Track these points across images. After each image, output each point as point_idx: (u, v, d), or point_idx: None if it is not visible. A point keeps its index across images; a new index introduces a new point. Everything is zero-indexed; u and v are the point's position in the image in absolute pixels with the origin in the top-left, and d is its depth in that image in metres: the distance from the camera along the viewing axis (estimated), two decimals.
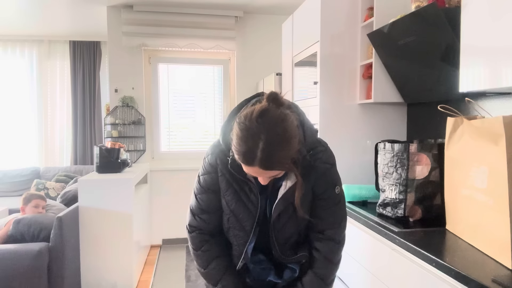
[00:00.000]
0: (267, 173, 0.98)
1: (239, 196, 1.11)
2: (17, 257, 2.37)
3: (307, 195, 1.12)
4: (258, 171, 0.96)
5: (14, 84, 4.80)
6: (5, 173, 4.54)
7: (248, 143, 0.93)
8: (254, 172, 0.98)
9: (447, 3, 1.69)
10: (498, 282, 1.04)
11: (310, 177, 1.11)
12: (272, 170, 0.96)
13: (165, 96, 4.17)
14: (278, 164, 0.96)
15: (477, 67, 1.42)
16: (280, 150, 0.94)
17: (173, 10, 3.89)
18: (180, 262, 3.63)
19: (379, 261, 1.65)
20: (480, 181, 1.30)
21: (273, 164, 0.95)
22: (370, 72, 2.27)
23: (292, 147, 0.96)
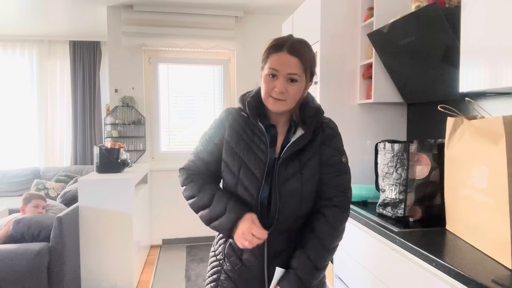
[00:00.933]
0: (289, 63, 1.11)
1: (249, 147, 1.17)
2: (17, 257, 2.37)
3: (313, 159, 1.18)
4: (284, 59, 1.11)
5: (14, 84, 4.80)
6: (5, 173, 4.54)
7: (282, 38, 1.17)
8: (280, 61, 1.12)
9: (447, 3, 1.69)
10: (498, 282, 1.04)
11: (317, 141, 1.19)
12: (296, 56, 1.11)
13: (165, 96, 4.17)
14: (302, 56, 1.13)
15: (477, 67, 1.42)
16: (305, 47, 1.16)
17: (173, 10, 3.89)
18: (180, 262, 3.63)
19: (379, 261, 1.65)
20: (480, 181, 1.30)
21: (298, 52, 1.12)
22: (370, 72, 2.27)
23: (312, 55, 1.17)
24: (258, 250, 1.16)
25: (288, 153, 1.15)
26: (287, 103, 1.14)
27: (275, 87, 1.12)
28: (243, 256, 1.19)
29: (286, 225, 1.17)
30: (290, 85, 1.13)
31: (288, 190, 1.15)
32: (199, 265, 3.52)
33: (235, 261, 1.21)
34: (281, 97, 1.13)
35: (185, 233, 4.16)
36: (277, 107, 1.15)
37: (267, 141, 1.17)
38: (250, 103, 1.19)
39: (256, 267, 1.18)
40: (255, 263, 1.18)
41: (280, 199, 1.14)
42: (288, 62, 1.11)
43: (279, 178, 1.14)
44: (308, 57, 1.15)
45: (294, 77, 1.12)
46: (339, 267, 2.09)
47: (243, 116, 1.22)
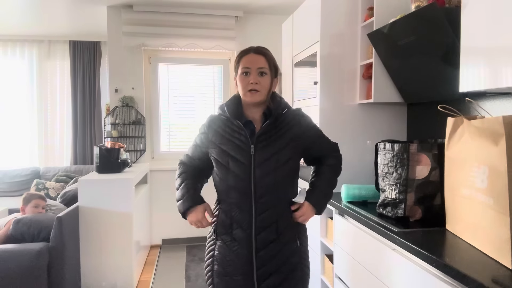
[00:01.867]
0: (257, 60, 1.40)
1: (232, 142, 1.42)
2: (17, 257, 2.37)
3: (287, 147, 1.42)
4: (252, 58, 1.40)
5: (14, 84, 4.80)
6: (5, 173, 4.54)
7: (247, 47, 1.45)
8: (249, 60, 1.40)
9: (447, 3, 1.69)
10: (498, 282, 1.04)
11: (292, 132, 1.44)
12: (261, 55, 1.41)
13: (165, 96, 4.17)
14: (266, 54, 1.43)
15: (477, 67, 1.42)
16: (266, 49, 1.46)
17: (173, 10, 3.89)
18: (180, 262, 3.63)
19: (379, 261, 1.65)
20: (480, 181, 1.30)
21: (262, 52, 1.43)
22: (370, 72, 2.27)
23: (272, 56, 1.47)
24: (247, 225, 1.40)
25: (260, 139, 1.40)
26: (261, 93, 1.41)
27: (250, 81, 1.39)
28: (233, 231, 1.42)
29: (267, 202, 1.40)
30: (261, 78, 1.40)
31: (262, 172, 1.38)
32: (199, 265, 3.52)
33: (226, 238, 1.44)
34: (256, 87, 1.39)
35: (185, 233, 4.16)
36: (254, 98, 1.40)
37: (246, 133, 1.41)
38: (229, 106, 1.47)
39: (244, 239, 1.40)
40: (244, 236, 1.40)
41: (255, 178, 1.38)
42: (256, 60, 1.40)
43: (255, 162, 1.39)
44: (270, 56, 1.45)
45: (263, 70, 1.41)
46: (339, 267, 2.09)
47: (223, 119, 1.49)
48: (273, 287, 1.41)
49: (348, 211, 1.94)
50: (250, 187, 1.39)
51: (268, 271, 1.41)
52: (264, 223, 1.40)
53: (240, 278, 1.42)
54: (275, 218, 1.41)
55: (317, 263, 2.45)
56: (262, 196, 1.39)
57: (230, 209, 1.43)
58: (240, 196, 1.40)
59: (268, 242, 1.40)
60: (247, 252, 1.40)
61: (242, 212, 1.40)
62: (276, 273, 1.41)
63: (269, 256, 1.40)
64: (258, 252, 1.39)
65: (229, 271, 1.43)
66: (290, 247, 1.44)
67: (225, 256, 1.44)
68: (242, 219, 1.40)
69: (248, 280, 1.41)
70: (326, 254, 2.37)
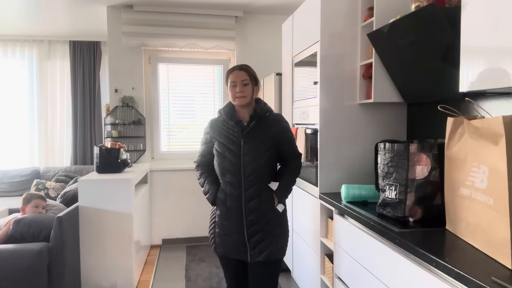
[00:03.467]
0: (240, 74, 1.89)
1: (228, 137, 1.91)
2: (17, 257, 2.37)
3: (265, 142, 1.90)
4: (237, 74, 1.89)
5: (14, 84, 4.80)
6: (5, 173, 4.54)
7: (233, 66, 1.97)
8: (235, 75, 1.89)
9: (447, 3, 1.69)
10: (498, 282, 1.04)
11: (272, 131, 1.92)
12: (243, 71, 1.90)
13: (165, 96, 4.17)
14: (246, 70, 1.91)
15: (477, 67, 1.42)
16: (247, 66, 1.95)
17: (173, 10, 3.89)
18: (180, 262, 3.63)
19: (379, 261, 1.65)
20: (480, 181, 1.30)
21: (243, 68, 1.92)
22: (370, 72, 2.27)
23: (253, 70, 1.95)
24: (236, 198, 1.88)
25: (247, 135, 1.89)
26: (246, 98, 1.90)
27: (237, 90, 1.88)
28: (227, 203, 1.90)
29: (252, 181, 1.87)
30: (244, 87, 1.89)
31: (248, 159, 1.86)
32: (199, 265, 3.52)
33: (222, 207, 1.92)
34: (242, 94, 1.88)
35: (185, 233, 4.16)
36: (241, 101, 1.89)
37: (238, 130, 1.90)
38: (224, 109, 1.96)
39: (236, 208, 1.89)
40: (235, 205, 1.88)
41: (244, 163, 1.86)
42: (239, 74, 1.90)
43: (243, 151, 1.87)
44: (250, 71, 1.94)
45: (245, 82, 1.90)
46: (339, 267, 2.09)
47: (221, 120, 1.97)
48: (259, 241, 1.88)
49: (348, 211, 1.94)
50: (240, 169, 1.86)
51: (255, 230, 1.88)
52: (250, 196, 1.87)
53: (235, 236, 1.90)
54: (258, 192, 1.88)
55: (317, 263, 2.45)
56: (249, 175, 1.86)
57: (225, 187, 1.91)
58: (232, 176, 1.87)
59: (254, 210, 1.87)
60: (239, 218, 1.88)
61: (234, 188, 1.88)
62: (261, 231, 1.88)
63: (256, 219, 1.88)
64: (247, 217, 1.88)
65: (227, 232, 1.92)
66: (271, 214, 1.91)
67: (222, 221, 1.93)
68: (233, 193, 1.88)
69: (240, 237, 1.89)
70: (326, 254, 2.37)
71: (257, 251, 1.88)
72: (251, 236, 1.87)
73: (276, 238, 1.91)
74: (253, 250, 1.88)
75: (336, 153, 2.39)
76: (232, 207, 1.88)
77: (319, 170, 2.39)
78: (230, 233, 1.90)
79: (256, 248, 1.88)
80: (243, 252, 1.90)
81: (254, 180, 1.86)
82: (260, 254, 1.88)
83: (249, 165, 1.85)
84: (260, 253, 1.88)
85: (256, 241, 1.87)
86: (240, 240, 1.89)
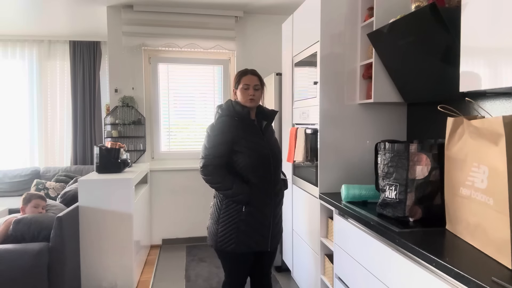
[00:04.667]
0: (254, 79, 2.05)
1: (254, 135, 2.05)
2: (17, 257, 2.37)
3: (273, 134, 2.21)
4: (251, 78, 2.05)
5: (14, 84, 4.80)
6: (5, 173, 4.54)
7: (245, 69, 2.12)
8: (249, 79, 2.05)
9: (447, 3, 1.69)
10: (498, 282, 1.04)
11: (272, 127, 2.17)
12: (256, 76, 2.08)
13: (165, 96, 4.17)
14: (258, 76, 2.09)
15: (477, 67, 1.42)
16: (257, 72, 2.11)
17: (173, 10, 3.89)
18: (180, 262, 3.63)
19: (379, 261, 1.65)
20: (480, 181, 1.30)
21: (256, 74, 2.09)
22: (370, 72, 2.27)
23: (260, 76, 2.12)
24: (268, 192, 2.05)
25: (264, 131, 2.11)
26: (256, 101, 2.08)
27: (250, 93, 2.04)
28: (261, 199, 2.03)
29: (277, 173, 2.07)
30: (256, 91, 2.06)
31: (273, 152, 2.08)
32: (199, 265, 3.53)
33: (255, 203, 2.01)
34: (254, 98, 2.05)
35: (185, 233, 4.16)
36: (252, 104, 2.06)
37: (258, 128, 2.10)
38: (237, 110, 2.04)
39: (269, 202, 2.05)
40: (268, 200, 2.05)
41: (272, 156, 2.06)
42: (253, 79, 2.06)
43: (268, 146, 2.07)
44: (260, 77, 2.11)
45: (257, 87, 2.06)
46: (339, 267, 2.09)
47: (237, 120, 2.04)
48: (277, 230, 2.12)
49: (348, 211, 1.94)
50: (270, 163, 2.04)
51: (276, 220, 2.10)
52: (278, 187, 2.11)
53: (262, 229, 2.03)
54: (280, 183, 2.14)
55: (317, 263, 2.45)
56: (275, 168, 2.07)
57: (258, 181, 2.01)
58: (265, 170, 2.03)
59: (280, 201, 2.12)
60: (269, 211, 2.04)
61: (267, 182, 2.02)
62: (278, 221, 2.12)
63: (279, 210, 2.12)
64: (275, 209, 2.07)
65: (256, 227, 2.01)
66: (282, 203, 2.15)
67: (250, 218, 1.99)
68: (266, 187, 2.03)
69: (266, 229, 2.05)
70: (326, 254, 2.37)
71: (274, 239, 2.10)
72: (274, 228, 2.08)
73: (281, 225, 2.19)
74: (273, 239, 2.09)
75: (336, 153, 2.39)
76: (266, 201, 2.03)
77: (319, 170, 2.39)
78: (259, 227, 2.01)
79: (275, 237, 2.10)
80: (265, 243, 2.05)
81: (278, 171, 2.08)
82: (276, 241, 2.12)
83: (275, 157, 2.06)
84: (277, 241, 2.12)
85: (275, 230, 2.09)
86: (265, 232, 2.04)
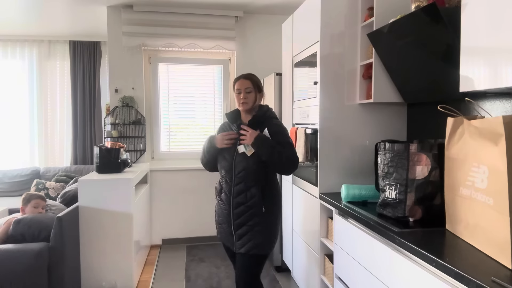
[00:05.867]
0: (245, 83, 2.08)
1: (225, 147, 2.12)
2: (17, 257, 2.37)
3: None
4: (242, 82, 2.09)
5: (14, 84, 4.80)
6: (5, 173, 4.54)
7: (240, 75, 2.15)
8: (240, 84, 2.09)
9: (447, 3, 1.69)
10: (498, 282, 1.04)
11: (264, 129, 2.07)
12: (247, 79, 2.09)
13: (165, 96, 4.17)
14: (250, 79, 2.10)
15: (477, 67, 1.42)
16: (252, 75, 2.14)
17: (173, 10, 3.89)
18: (180, 262, 3.63)
19: (379, 261, 1.65)
20: (480, 181, 1.30)
21: (248, 77, 2.11)
22: (370, 72, 2.27)
23: (258, 79, 2.15)
24: (228, 192, 2.09)
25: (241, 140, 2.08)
26: (249, 104, 2.09)
27: (241, 97, 2.08)
28: (221, 195, 2.14)
29: (241, 178, 2.04)
30: (248, 94, 2.09)
31: (239, 158, 2.05)
32: (199, 265, 3.52)
33: (219, 198, 2.17)
34: (245, 101, 2.08)
35: (185, 233, 4.16)
36: (244, 107, 2.10)
37: (236, 131, 2.10)
38: (228, 115, 2.18)
39: (227, 201, 2.10)
40: (226, 197, 2.10)
41: (235, 162, 2.06)
42: (244, 83, 2.09)
43: (236, 152, 2.08)
44: (254, 80, 2.12)
45: (248, 89, 2.09)
46: (339, 267, 2.09)
47: (226, 123, 2.22)
48: (242, 234, 2.05)
49: (348, 211, 1.94)
50: (232, 167, 2.06)
51: (240, 223, 2.05)
52: (238, 191, 2.05)
53: (225, 226, 2.12)
54: (245, 188, 2.05)
55: (317, 263, 2.45)
56: (238, 172, 2.04)
57: (221, 180, 2.13)
58: (226, 172, 2.09)
59: (240, 204, 2.05)
60: (228, 209, 2.09)
61: (226, 183, 2.10)
62: (245, 225, 2.05)
63: (240, 213, 2.05)
64: (233, 210, 2.07)
65: (220, 220, 2.16)
66: (256, 210, 2.03)
67: (218, 211, 2.18)
68: (226, 187, 2.10)
69: (229, 227, 2.10)
70: (326, 254, 2.37)
71: (240, 242, 2.06)
72: (237, 228, 2.07)
73: (257, 235, 2.03)
74: (237, 241, 2.07)
75: (336, 153, 2.39)
76: (224, 198, 2.11)
77: (319, 170, 2.39)
78: (222, 222, 2.14)
79: (240, 240, 2.07)
80: (231, 242, 2.11)
81: (243, 177, 2.03)
82: (242, 246, 2.06)
83: (240, 164, 2.04)
84: (242, 246, 2.05)
85: (240, 234, 2.06)
86: (229, 230, 2.11)
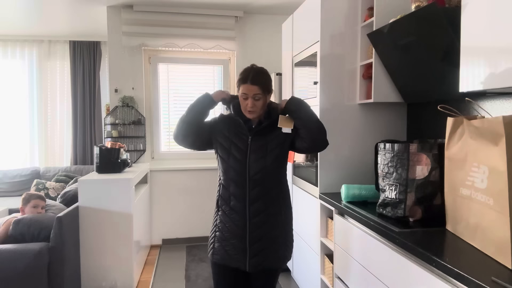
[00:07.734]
0: (253, 89, 1.67)
1: (236, 133, 1.76)
2: (17, 257, 2.37)
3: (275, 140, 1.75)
4: (249, 88, 1.68)
5: (14, 84, 4.80)
6: (5, 173, 4.54)
7: (246, 70, 1.72)
8: (247, 89, 1.68)
9: (447, 3, 1.69)
10: (498, 282, 1.04)
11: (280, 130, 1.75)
12: (256, 85, 1.67)
13: (165, 96, 4.17)
14: (259, 83, 1.68)
15: (477, 67, 1.42)
16: (262, 75, 1.72)
17: (173, 10, 3.89)
18: (180, 262, 3.63)
19: (379, 261, 1.65)
20: (480, 181, 1.30)
21: (257, 81, 1.68)
22: (370, 72, 2.27)
23: (268, 80, 1.74)
24: (241, 197, 1.71)
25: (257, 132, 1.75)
26: (256, 112, 1.73)
27: (248, 105, 1.71)
28: (231, 203, 1.73)
29: (258, 180, 1.70)
30: (256, 101, 1.71)
31: (254, 157, 1.71)
32: (199, 265, 3.52)
33: (227, 208, 1.75)
34: (252, 109, 1.71)
35: (185, 233, 4.16)
36: (251, 116, 1.74)
37: (247, 130, 1.76)
38: (235, 106, 1.80)
39: (240, 209, 1.71)
40: (239, 205, 1.71)
41: (249, 161, 1.71)
42: (252, 89, 1.69)
43: (250, 148, 1.73)
44: (264, 83, 1.71)
45: (257, 96, 1.70)
46: (339, 267, 2.09)
47: (229, 118, 1.82)
48: (260, 250, 1.72)
49: (348, 211, 1.94)
50: (245, 167, 1.72)
51: (258, 235, 1.71)
52: (256, 196, 1.71)
53: (235, 242, 1.72)
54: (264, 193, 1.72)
55: (317, 263, 2.45)
56: (255, 174, 1.71)
57: (228, 185, 1.74)
58: (236, 174, 1.72)
59: (259, 212, 1.71)
60: (241, 219, 1.71)
61: (237, 187, 1.72)
62: (264, 238, 1.72)
63: (260, 223, 1.71)
64: (251, 220, 1.71)
65: (227, 236, 1.74)
66: (278, 218, 1.75)
67: (224, 223, 1.75)
68: (237, 192, 1.72)
69: (241, 243, 1.72)
70: (326, 254, 2.37)
71: (258, 259, 1.72)
72: (253, 242, 1.71)
73: (281, 246, 1.76)
74: (253, 258, 1.71)
75: (336, 153, 2.39)
76: (236, 207, 1.71)
77: (319, 170, 2.39)
78: (230, 237, 1.73)
79: (257, 256, 1.72)
80: (242, 261, 1.72)
81: (261, 179, 1.70)
82: (262, 261, 1.72)
83: (256, 163, 1.70)
84: (263, 261, 1.72)
85: (258, 248, 1.71)
86: (240, 246, 1.72)
